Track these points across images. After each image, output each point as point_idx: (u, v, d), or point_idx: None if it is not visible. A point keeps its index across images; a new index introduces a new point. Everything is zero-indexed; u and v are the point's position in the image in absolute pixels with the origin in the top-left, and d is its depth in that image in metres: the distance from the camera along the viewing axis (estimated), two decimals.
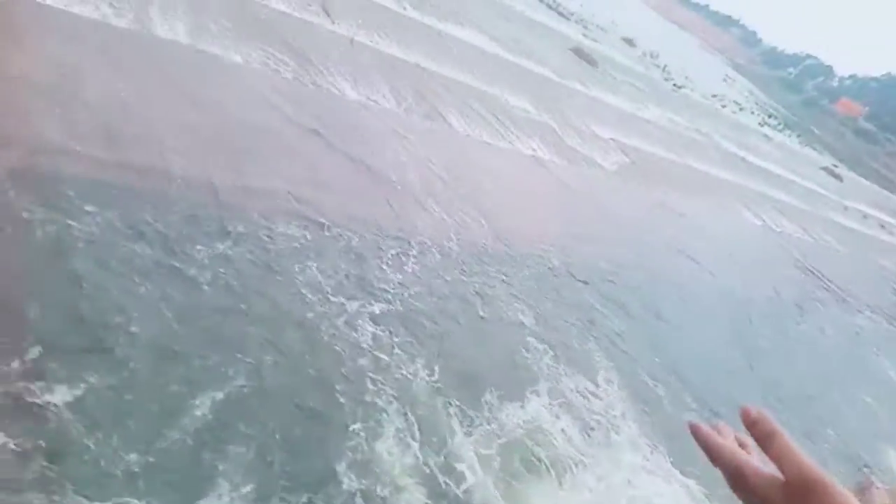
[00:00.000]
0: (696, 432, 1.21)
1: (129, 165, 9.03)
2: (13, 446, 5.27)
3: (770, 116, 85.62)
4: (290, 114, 12.88)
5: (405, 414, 8.20)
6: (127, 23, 12.22)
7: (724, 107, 65.44)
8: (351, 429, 7.48)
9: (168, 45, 12.47)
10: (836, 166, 72.09)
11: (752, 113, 78.84)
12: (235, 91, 12.49)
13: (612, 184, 22.23)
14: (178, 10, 13.79)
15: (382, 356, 8.87)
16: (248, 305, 8.22)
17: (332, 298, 9.31)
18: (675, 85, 56.94)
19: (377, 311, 9.60)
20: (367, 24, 20.44)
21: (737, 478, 1.12)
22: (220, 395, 6.71)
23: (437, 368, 9.26)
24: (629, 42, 64.72)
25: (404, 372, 8.87)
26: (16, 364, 5.76)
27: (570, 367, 11.24)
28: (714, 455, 1.16)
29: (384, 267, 10.73)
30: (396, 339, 9.31)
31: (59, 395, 5.79)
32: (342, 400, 7.87)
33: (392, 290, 10.28)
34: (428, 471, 7.61)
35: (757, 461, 1.13)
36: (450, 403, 8.90)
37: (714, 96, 68.07)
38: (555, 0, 56.44)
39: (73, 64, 10.14)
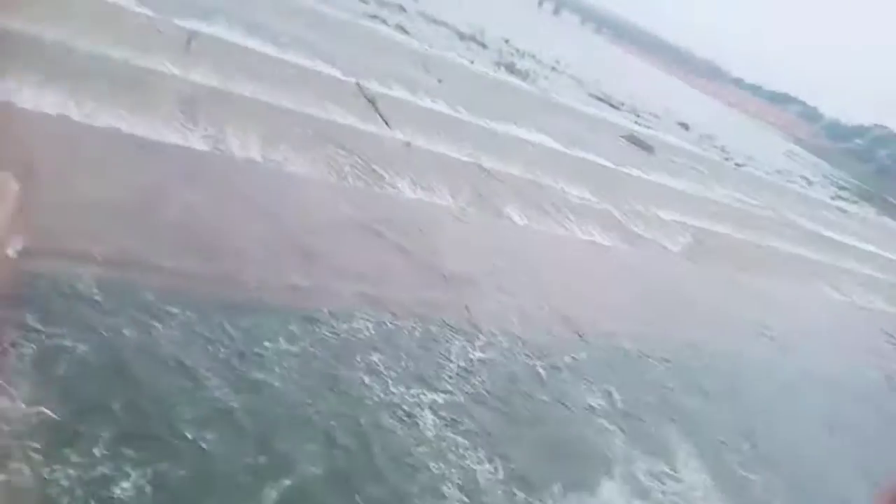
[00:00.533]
0: None
1: (208, 273, 9.80)
2: None
3: (841, 188, 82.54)
4: (353, 217, 13.63)
5: None
6: (205, 145, 13.66)
7: (790, 182, 63.81)
8: None
9: (243, 163, 13.75)
10: None
11: (822, 186, 76.40)
12: (302, 200, 13.40)
13: (681, 266, 21.79)
14: (251, 130, 15.29)
15: (445, 445, 8.80)
16: (314, 397, 8.46)
17: (394, 388, 9.46)
18: (736, 164, 56.33)
19: (439, 401, 9.58)
20: (423, 128, 21.74)
21: None
22: (287, 483, 6.91)
23: (500, 457, 8.95)
24: (684, 126, 65.25)
25: (467, 461, 8.65)
26: (96, 450, 6.25)
27: (646, 449, 10.72)
28: None
29: (447, 357, 10.77)
30: (460, 428, 9.21)
31: (133, 482, 6.17)
32: (406, 489, 7.83)
33: (455, 380, 10.25)
34: None
35: None
36: (514, 493, 8.64)
37: (779, 172, 66.65)
38: (604, 92, 58.35)
39: (155, 186, 11.30)
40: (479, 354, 11.13)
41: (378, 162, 17.08)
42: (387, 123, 20.45)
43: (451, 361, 10.60)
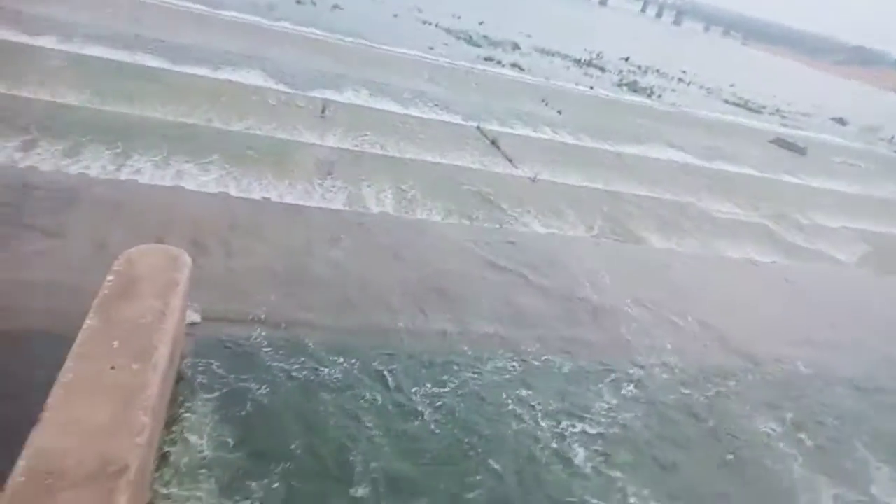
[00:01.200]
0: None
1: (358, 325, 10.26)
2: None
3: None
4: (486, 257, 13.63)
5: None
6: (343, 204, 14.53)
7: None
8: None
9: (378, 217, 14.42)
10: None
11: None
12: (436, 246, 13.66)
13: (855, 277, 19.20)
14: (384, 184, 16.06)
15: (599, 480, 8.30)
16: (466, 434, 8.59)
17: (543, 422, 9.22)
18: None
19: (591, 432, 9.21)
20: (548, 162, 21.51)
21: None
22: None
23: (660, 490, 8.32)
24: (839, 121, 58.69)
25: (625, 496, 8.12)
26: (253, 485, 6.91)
27: (834, 476, 9.32)
28: None
29: (597, 390, 10.21)
30: (615, 462, 8.69)
31: None
32: None
33: (607, 413, 9.71)
34: None
35: None
36: None
37: None
38: (741, 97, 54.35)
39: (305, 247, 12.19)
40: (631, 389, 10.47)
41: (506, 200, 17.09)
42: (510, 161, 20.51)
43: (603, 395, 10.11)
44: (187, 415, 7.49)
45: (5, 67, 16.53)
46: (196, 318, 9.15)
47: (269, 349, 9.10)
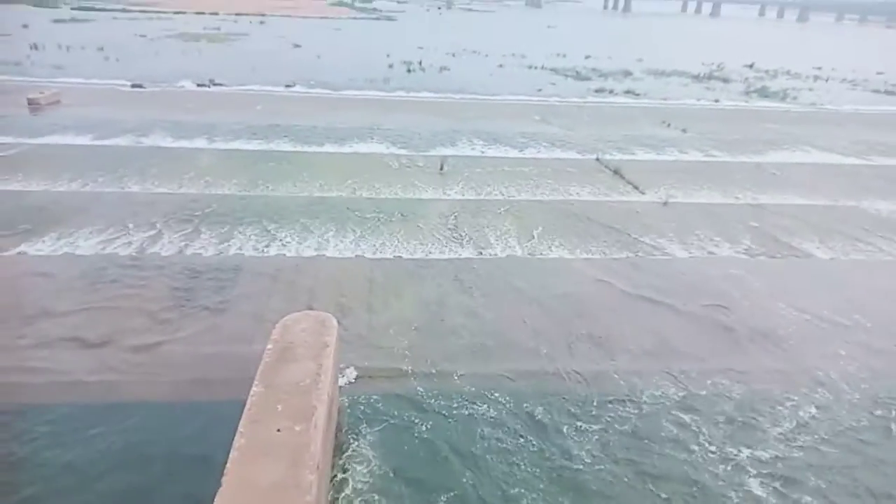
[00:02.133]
0: None
1: (504, 367, 10.13)
2: None
3: None
4: (625, 290, 13.00)
5: None
6: (471, 252, 14.70)
7: None
8: None
9: (506, 260, 14.39)
10: None
11: None
12: (570, 284, 13.28)
13: None
14: (508, 228, 16.04)
15: None
16: (630, 463, 8.21)
17: (712, 448, 8.48)
18: None
19: (764, 458, 8.29)
20: (678, 183, 20.41)
21: None
22: None
23: None
24: None
25: None
26: None
27: None
28: None
29: (770, 416, 9.23)
30: (794, 495, 7.69)
31: None
32: None
33: (782, 439, 8.72)
34: None
35: None
36: None
37: None
38: (893, 85, 48.56)
39: (439, 298, 12.41)
40: (812, 412, 9.31)
41: (638, 229, 16.36)
42: (637, 188, 19.72)
43: (776, 422, 9.08)
44: (351, 465, 7.76)
45: (167, 169, 19.02)
46: (348, 375, 9.61)
47: (417, 398, 9.33)
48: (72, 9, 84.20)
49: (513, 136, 25.82)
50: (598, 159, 22.93)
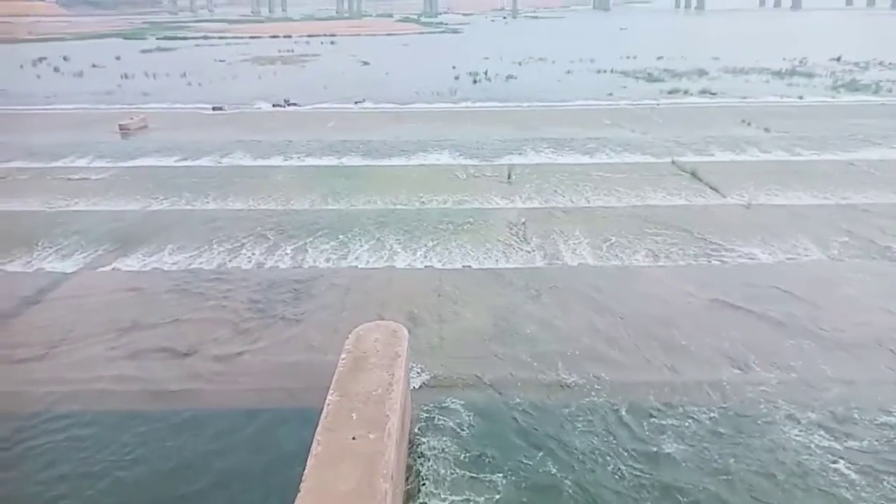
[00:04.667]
0: None
1: (578, 377, 9.87)
2: None
3: None
4: (708, 296, 12.37)
5: None
6: (541, 261, 14.45)
7: None
8: None
9: (578, 269, 14.03)
10: None
11: None
12: (648, 292, 12.76)
13: None
14: (578, 236, 15.66)
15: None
16: (726, 464, 7.91)
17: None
18: None
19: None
20: (761, 183, 19.31)
21: None
22: None
23: None
24: None
25: None
26: None
27: None
28: None
29: (870, 410, 8.63)
30: None
31: None
32: None
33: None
34: None
35: None
36: None
37: None
38: None
39: (508, 308, 12.21)
40: None
41: (719, 233, 15.60)
42: (717, 191, 18.83)
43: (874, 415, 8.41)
44: (423, 475, 7.74)
45: (246, 186, 19.91)
46: (419, 384, 9.63)
47: (489, 407, 9.19)
48: (157, 39, 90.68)
49: (582, 142, 25.35)
50: (673, 162, 22.11)
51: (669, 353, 10.53)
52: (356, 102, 36.16)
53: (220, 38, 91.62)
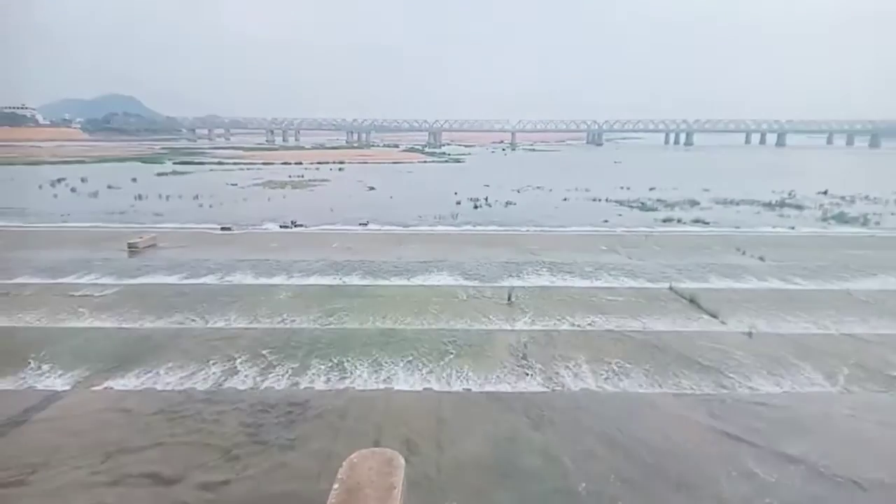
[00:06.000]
0: None
1: None
2: None
3: None
4: (716, 430, 11.97)
5: None
6: (542, 386, 14.11)
7: None
8: None
9: (581, 395, 13.68)
10: None
11: None
12: (653, 423, 12.38)
13: None
14: (579, 360, 15.44)
15: None
16: None
17: None
18: None
19: None
20: (761, 312, 19.37)
21: None
22: None
23: None
24: None
25: None
26: None
27: None
28: None
29: None
30: None
31: None
32: None
33: None
34: None
35: None
36: None
37: None
38: None
39: (509, 434, 11.74)
40: None
41: (721, 361, 15.41)
42: (716, 318, 18.85)
43: None
44: None
45: (247, 304, 19.96)
46: None
47: None
48: (174, 163, 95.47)
49: (580, 266, 25.79)
50: (671, 288, 22.34)
51: (681, 493, 9.97)
52: (360, 224, 37.31)
53: (235, 163, 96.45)
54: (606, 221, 38.74)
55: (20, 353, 15.78)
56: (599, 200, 49.99)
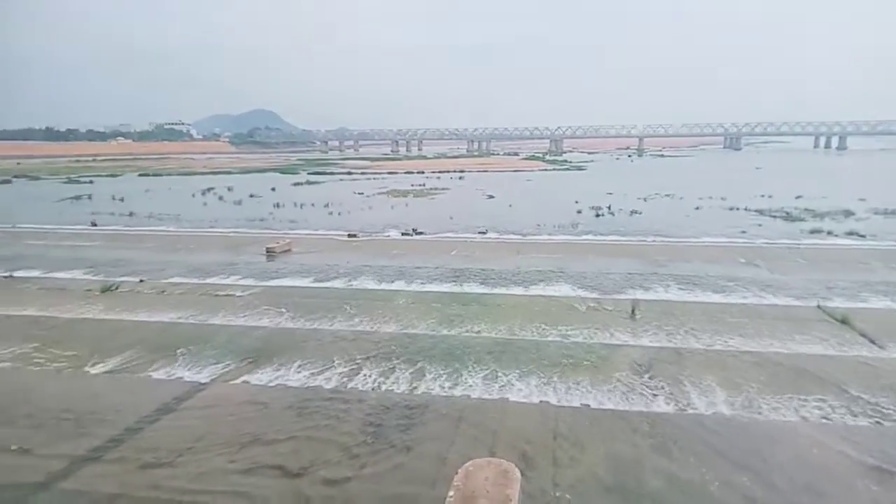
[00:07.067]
0: None
1: None
2: None
3: None
4: (863, 462, 10.61)
5: None
6: (668, 406, 13.29)
7: None
8: None
9: (711, 419, 12.71)
10: None
11: None
12: (794, 452, 11.20)
13: None
14: (710, 382, 14.37)
15: None
16: None
17: None
18: None
19: None
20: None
21: None
22: None
23: None
24: None
25: None
26: None
27: None
28: None
29: None
30: None
31: None
32: None
33: None
34: None
35: None
36: None
37: None
38: None
39: (631, 456, 11.19)
40: None
41: (879, 391, 13.62)
42: (874, 343, 16.72)
43: None
44: None
45: (370, 308, 20.79)
46: None
47: None
48: (308, 174, 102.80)
49: (714, 280, 24.09)
50: (819, 306, 20.17)
51: None
52: (479, 232, 37.60)
53: (362, 173, 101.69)
54: (744, 232, 35.92)
55: (171, 346, 17.58)
56: (737, 209, 46.47)
